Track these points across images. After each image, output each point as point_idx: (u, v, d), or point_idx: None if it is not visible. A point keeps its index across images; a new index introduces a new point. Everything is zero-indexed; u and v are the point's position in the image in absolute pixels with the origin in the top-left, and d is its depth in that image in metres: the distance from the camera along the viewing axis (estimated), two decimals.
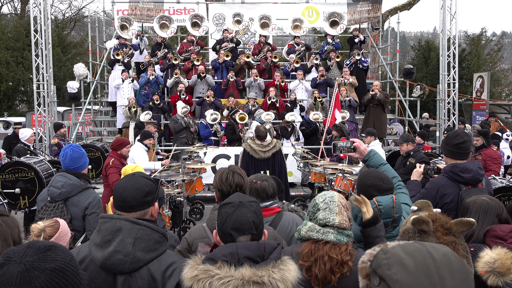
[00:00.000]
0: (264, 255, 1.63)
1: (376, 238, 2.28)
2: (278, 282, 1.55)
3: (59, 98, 16.98)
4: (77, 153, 3.57)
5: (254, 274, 1.55)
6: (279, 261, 1.63)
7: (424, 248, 1.23)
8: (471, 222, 1.82)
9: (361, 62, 12.33)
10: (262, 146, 6.69)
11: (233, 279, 1.53)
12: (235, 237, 1.71)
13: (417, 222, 1.81)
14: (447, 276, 1.17)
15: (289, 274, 1.60)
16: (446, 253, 1.23)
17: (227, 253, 1.61)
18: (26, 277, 1.32)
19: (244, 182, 2.61)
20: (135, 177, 2.08)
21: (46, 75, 10.86)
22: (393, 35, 16.06)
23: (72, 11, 29.94)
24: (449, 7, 11.14)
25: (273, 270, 1.58)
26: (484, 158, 7.09)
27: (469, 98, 20.79)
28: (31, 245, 1.41)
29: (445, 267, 1.18)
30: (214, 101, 10.98)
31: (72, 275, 1.40)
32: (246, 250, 1.63)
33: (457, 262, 1.21)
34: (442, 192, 3.41)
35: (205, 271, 1.57)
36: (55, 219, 2.67)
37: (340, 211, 2.15)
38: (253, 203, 1.81)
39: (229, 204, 1.78)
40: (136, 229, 1.93)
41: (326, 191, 2.28)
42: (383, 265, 1.22)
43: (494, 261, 2.00)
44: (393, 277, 1.17)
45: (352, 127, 11.01)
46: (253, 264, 1.59)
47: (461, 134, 3.50)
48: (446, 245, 1.73)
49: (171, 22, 13.08)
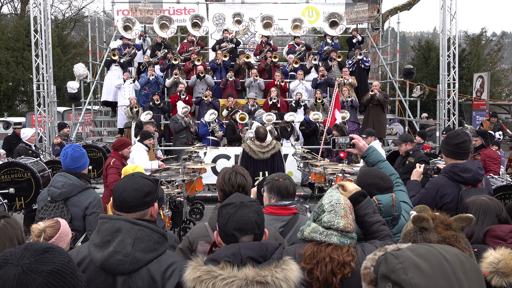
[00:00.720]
0: (267, 255, 1.64)
1: (364, 217, 2.23)
2: (281, 282, 1.56)
3: (59, 98, 16.99)
4: (77, 153, 3.57)
5: (257, 274, 1.55)
6: (281, 261, 1.63)
7: (435, 250, 1.21)
8: (469, 218, 1.83)
9: (363, 62, 12.31)
10: (261, 147, 6.70)
11: (237, 279, 1.53)
12: (238, 237, 1.71)
13: (417, 220, 1.82)
14: (462, 277, 1.16)
15: (292, 274, 1.60)
16: (457, 254, 1.22)
17: (229, 253, 1.61)
18: (23, 279, 1.31)
19: (247, 183, 2.60)
20: (134, 177, 2.08)
21: (46, 75, 10.86)
22: (393, 35, 16.06)
23: (72, 11, 30.02)
24: (449, 7, 11.14)
25: (276, 270, 1.58)
26: (484, 158, 7.09)
27: (469, 98, 20.80)
28: (28, 247, 1.40)
29: (458, 267, 1.17)
30: (212, 101, 10.98)
31: (69, 277, 1.39)
32: (248, 250, 1.62)
33: (469, 262, 1.21)
34: (442, 192, 3.41)
35: (208, 272, 1.57)
36: (56, 219, 2.66)
37: (345, 214, 2.12)
38: (254, 203, 1.81)
39: (230, 205, 1.78)
40: (136, 230, 1.92)
41: (334, 192, 2.24)
42: (397, 269, 1.19)
43: (498, 262, 2.00)
44: (410, 282, 1.15)
45: (354, 128, 11.01)
46: (256, 264, 1.59)
47: (461, 134, 3.50)
48: (447, 238, 1.75)
49: (171, 22, 13.09)
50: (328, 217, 2.12)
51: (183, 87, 11.33)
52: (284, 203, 2.84)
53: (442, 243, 1.74)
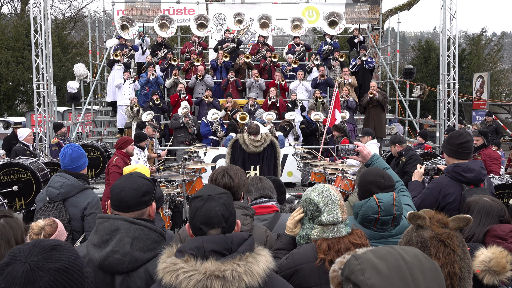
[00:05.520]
0: (232, 247, 1.61)
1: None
2: (243, 276, 1.53)
3: (59, 98, 16.97)
4: (76, 153, 3.55)
5: (217, 268, 1.53)
6: (248, 253, 1.61)
7: (395, 251, 1.24)
8: (467, 218, 1.83)
9: (367, 63, 12.28)
10: (254, 141, 6.82)
11: (196, 273, 1.52)
12: (205, 231, 1.69)
13: (413, 217, 1.83)
14: (419, 276, 1.19)
15: (257, 266, 1.57)
16: (417, 254, 1.25)
17: (193, 246, 1.61)
18: (30, 277, 1.32)
19: (234, 184, 2.57)
20: (132, 177, 2.08)
21: (46, 75, 10.86)
22: (393, 35, 16.06)
23: (72, 11, 30.01)
24: (449, 7, 11.13)
25: (238, 264, 1.56)
26: (484, 158, 7.09)
27: (469, 98, 20.80)
28: (37, 244, 1.42)
29: (416, 267, 1.20)
30: (212, 101, 10.98)
31: (76, 275, 1.40)
32: (211, 243, 1.61)
33: (427, 262, 1.24)
34: (444, 192, 3.39)
35: (173, 264, 1.57)
36: (52, 218, 2.68)
37: (340, 203, 2.20)
38: (222, 195, 1.77)
39: (198, 198, 1.76)
40: (134, 229, 1.93)
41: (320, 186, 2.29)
42: (356, 271, 1.22)
43: (489, 260, 2.02)
44: (367, 282, 1.18)
45: (349, 128, 11.00)
46: (219, 258, 1.57)
47: (464, 133, 3.49)
48: (440, 235, 1.77)
49: (171, 22, 13.07)
50: (328, 218, 2.16)
51: (183, 87, 11.33)
52: (262, 200, 2.91)
53: (433, 239, 1.77)
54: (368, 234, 2.44)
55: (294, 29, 13.40)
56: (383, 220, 2.44)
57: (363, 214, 2.47)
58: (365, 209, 2.46)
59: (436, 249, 1.75)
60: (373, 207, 2.44)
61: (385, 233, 2.49)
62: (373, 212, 2.44)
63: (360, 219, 2.50)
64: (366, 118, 11.31)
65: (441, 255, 1.74)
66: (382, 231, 2.49)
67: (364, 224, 2.49)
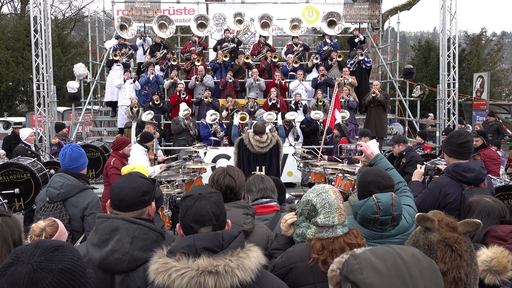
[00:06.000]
0: (223, 244, 1.63)
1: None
2: (236, 270, 1.55)
3: (59, 98, 16.98)
4: (76, 153, 3.55)
5: (210, 264, 1.55)
6: (239, 249, 1.62)
7: (393, 250, 1.25)
8: (476, 223, 1.82)
9: (364, 62, 12.28)
10: (259, 142, 6.74)
11: (189, 270, 1.54)
12: (196, 229, 1.71)
13: (421, 219, 1.82)
14: (418, 275, 1.19)
15: (249, 261, 1.59)
16: (415, 253, 1.25)
17: (185, 245, 1.62)
18: (33, 278, 1.33)
19: (236, 184, 2.58)
20: (132, 176, 2.09)
21: (46, 75, 10.86)
22: (393, 35, 16.06)
23: (72, 11, 30.02)
24: (449, 7, 11.13)
25: (230, 259, 1.57)
26: (483, 158, 7.08)
27: (469, 98, 20.80)
28: (39, 244, 1.42)
29: (414, 266, 1.21)
30: (211, 102, 10.97)
31: (79, 275, 1.40)
32: (203, 241, 1.63)
33: (426, 261, 1.24)
34: (445, 192, 3.39)
35: (164, 264, 1.58)
36: (52, 219, 2.67)
37: (338, 206, 2.19)
38: (213, 194, 1.80)
39: (189, 197, 1.78)
40: (134, 228, 1.93)
41: (319, 187, 2.29)
42: (354, 270, 1.23)
43: (490, 260, 2.01)
44: (366, 281, 1.18)
45: (351, 128, 10.99)
46: (211, 254, 1.58)
47: (464, 133, 3.49)
48: (447, 239, 1.76)
49: (170, 22, 13.06)
50: (324, 220, 2.17)
51: (183, 87, 11.33)
52: (264, 200, 2.90)
53: (441, 243, 1.75)
54: (367, 234, 2.45)
55: (293, 29, 13.39)
56: (382, 220, 2.44)
57: (362, 214, 2.47)
58: (364, 209, 2.46)
59: (443, 253, 1.73)
60: (372, 207, 2.44)
61: (384, 233, 2.49)
62: (372, 212, 2.44)
63: (359, 219, 2.50)
64: (367, 118, 11.30)
65: (447, 259, 1.72)
66: (381, 231, 2.49)
67: (363, 224, 2.49)
